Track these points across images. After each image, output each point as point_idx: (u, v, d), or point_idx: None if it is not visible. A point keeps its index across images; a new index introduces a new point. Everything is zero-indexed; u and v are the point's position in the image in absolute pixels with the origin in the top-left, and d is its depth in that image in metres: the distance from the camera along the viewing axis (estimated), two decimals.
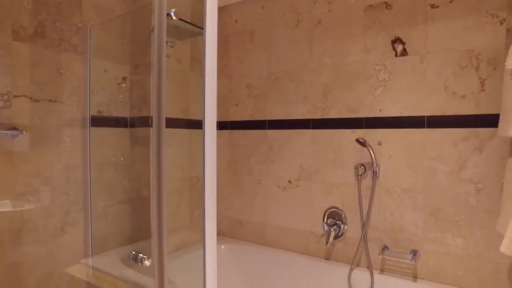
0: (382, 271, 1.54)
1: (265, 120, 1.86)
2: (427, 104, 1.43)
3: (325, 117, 1.66)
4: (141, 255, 1.48)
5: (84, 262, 1.51)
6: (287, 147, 1.79)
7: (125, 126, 1.65)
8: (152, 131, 0.85)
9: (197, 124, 1.80)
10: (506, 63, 1.04)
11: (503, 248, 0.98)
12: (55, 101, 1.39)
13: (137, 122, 1.65)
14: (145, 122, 1.61)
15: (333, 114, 1.64)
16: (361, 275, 1.55)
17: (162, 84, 0.85)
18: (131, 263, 1.49)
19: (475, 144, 1.34)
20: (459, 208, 1.37)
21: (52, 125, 1.38)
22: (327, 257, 1.69)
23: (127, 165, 1.65)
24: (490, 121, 1.30)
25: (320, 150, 1.68)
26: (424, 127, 1.43)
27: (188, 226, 1.82)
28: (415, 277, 1.47)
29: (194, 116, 1.80)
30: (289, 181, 1.79)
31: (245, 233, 1.96)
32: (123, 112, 1.64)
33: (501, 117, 1.16)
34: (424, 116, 1.43)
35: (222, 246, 1.89)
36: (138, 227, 1.66)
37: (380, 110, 1.52)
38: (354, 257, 1.56)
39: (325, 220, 1.67)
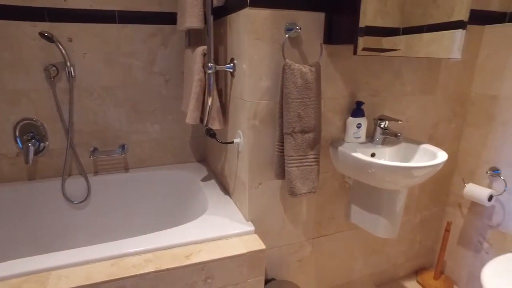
0: (96, 172, 1.57)
1: None
2: None
3: None
4: None
5: None
6: None
7: None
8: None
9: None
10: None
11: (187, 119, 1.23)
12: None
13: None
14: None
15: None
16: (75, 183, 1.50)
17: None
18: None
19: (160, 40, 1.50)
20: (154, 99, 1.56)
21: None
22: (31, 177, 1.49)
23: None
24: (171, 18, 1.47)
25: None
26: (116, 23, 1.42)
27: None
28: (126, 169, 1.61)
29: None
30: None
31: None
32: None
33: (178, 14, 1.34)
34: (115, 11, 1.41)
35: None
36: None
37: (65, 0, 1.34)
38: (64, 167, 1.46)
39: (17, 136, 1.41)
